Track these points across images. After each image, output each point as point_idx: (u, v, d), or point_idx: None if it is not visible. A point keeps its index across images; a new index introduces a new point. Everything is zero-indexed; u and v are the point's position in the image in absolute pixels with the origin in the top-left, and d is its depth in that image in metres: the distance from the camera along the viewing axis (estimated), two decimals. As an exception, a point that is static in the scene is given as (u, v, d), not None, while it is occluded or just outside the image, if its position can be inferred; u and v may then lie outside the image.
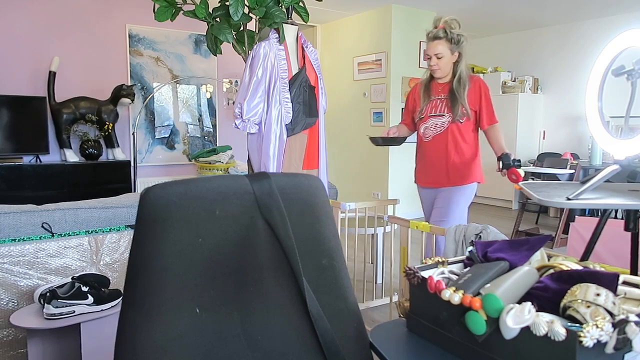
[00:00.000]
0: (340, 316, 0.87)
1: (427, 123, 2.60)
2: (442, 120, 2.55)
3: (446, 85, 2.58)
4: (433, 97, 2.60)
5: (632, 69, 1.38)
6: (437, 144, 2.59)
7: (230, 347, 0.77)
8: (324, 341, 0.83)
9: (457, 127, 2.54)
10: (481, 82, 2.62)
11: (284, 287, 0.83)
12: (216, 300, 0.78)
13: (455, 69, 2.56)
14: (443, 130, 2.57)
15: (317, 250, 0.86)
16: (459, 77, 2.54)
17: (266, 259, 0.81)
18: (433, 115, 2.57)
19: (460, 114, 2.52)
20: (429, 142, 2.62)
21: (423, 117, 2.61)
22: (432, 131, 2.59)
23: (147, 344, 0.72)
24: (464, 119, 2.54)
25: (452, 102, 2.52)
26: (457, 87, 2.53)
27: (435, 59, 2.52)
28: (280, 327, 0.81)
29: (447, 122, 2.54)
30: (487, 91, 2.62)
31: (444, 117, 2.54)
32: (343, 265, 0.91)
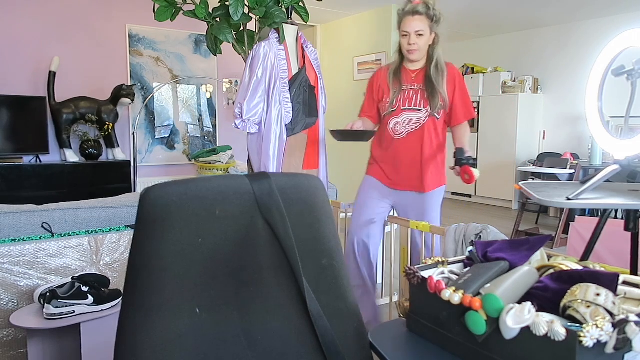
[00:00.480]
0: (340, 316, 0.87)
1: (399, 117, 2.21)
2: (418, 116, 2.19)
3: (420, 73, 2.22)
4: (405, 86, 2.21)
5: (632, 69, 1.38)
6: (411, 143, 2.22)
7: (230, 347, 0.77)
8: (324, 341, 0.83)
9: (434, 123, 2.22)
10: (455, 69, 2.28)
11: (284, 287, 0.83)
12: (216, 300, 0.78)
13: (431, 52, 2.20)
14: (419, 126, 2.20)
15: (317, 250, 0.86)
16: (436, 63, 2.18)
17: (266, 259, 0.81)
18: (408, 109, 2.20)
19: (439, 107, 2.18)
20: (401, 139, 2.24)
21: (395, 111, 2.22)
22: (405, 127, 2.21)
23: (147, 343, 0.72)
24: (441, 113, 2.22)
25: (431, 93, 2.16)
26: (434, 74, 2.17)
27: (414, 36, 2.13)
28: (280, 327, 0.81)
29: (424, 117, 2.19)
30: (462, 80, 2.28)
31: (420, 112, 2.19)
32: (343, 265, 0.91)
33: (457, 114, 2.26)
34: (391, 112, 2.23)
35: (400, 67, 2.25)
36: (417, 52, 2.16)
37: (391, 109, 2.22)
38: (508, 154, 6.59)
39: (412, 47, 2.15)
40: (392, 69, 2.25)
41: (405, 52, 2.18)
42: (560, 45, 6.54)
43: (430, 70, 2.17)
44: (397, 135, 2.25)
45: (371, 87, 2.34)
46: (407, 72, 2.24)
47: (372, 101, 2.33)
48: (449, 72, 2.22)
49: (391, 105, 2.22)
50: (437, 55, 2.21)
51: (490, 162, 6.83)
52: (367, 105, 2.36)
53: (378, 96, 2.30)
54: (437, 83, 2.16)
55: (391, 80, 2.23)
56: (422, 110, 2.19)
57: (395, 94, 2.21)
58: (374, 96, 2.32)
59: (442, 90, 2.16)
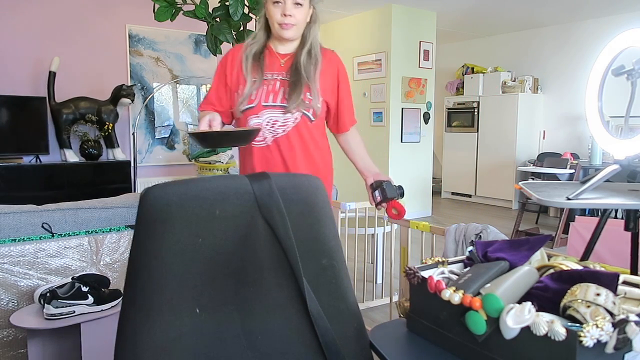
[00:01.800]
0: (341, 316, 0.87)
1: (260, 117, 1.63)
2: (285, 117, 1.63)
3: (291, 59, 1.67)
4: (269, 75, 1.64)
5: (632, 68, 1.38)
6: (276, 154, 1.65)
7: (231, 347, 0.78)
8: (324, 341, 0.83)
9: (308, 128, 1.66)
10: (337, 59, 1.74)
11: (284, 287, 0.83)
12: (216, 300, 0.78)
13: (306, 33, 1.67)
14: (287, 131, 1.64)
15: (317, 250, 0.86)
16: (310, 47, 1.66)
17: (266, 259, 0.81)
18: (272, 105, 1.62)
19: (307, 105, 1.63)
20: (264, 149, 1.65)
21: (253, 107, 1.62)
22: (269, 132, 1.63)
23: (147, 344, 0.72)
24: (318, 114, 1.67)
25: (293, 84, 1.62)
26: (305, 61, 1.63)
27: (291, 5, 1.58)
28: (280, 327, 0.81)
29: (294, 119, 1.63)
30: (346, 75, 1.76)
31: (288, 112, 1.63)
32: (343, 266, 0.91)
33: (342, 118, 1.75)
34: (248, 109, 1.62)
35: (264, 49, 1.67)
36: (293, 27, 1.59)
37: (248, 104, 1.62)
38: (508, 154, 6.60)
39: (287, 19, 1.57)
40: (251, 50, 1.65)
41: (276, 27, 1.60)
42: (560, 45, 6.54)
43: (301, 56, 1.64)
44: (256, 143, 1.64)
45: (222, 71, 1.70)
46: (274, 57, 1.67)
47: (223, 90, 1.70)
48: (326, 61, 1.68)
49: (248, 98, 1.62)
50: (313, 37, 1.67)
51: (490, 162, 6.83)
52: (213, 95, 1.71)
53: (234, 84, 1.68)
54: (307, 74, 1.62)
55: (249, 66, 1.63)
56: (290, 110, 1.63)
57: (254, 84, 1.62)
58: (226, 82, 1.69)
59: (313, 84, 1.62)
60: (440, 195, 7.54)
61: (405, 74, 5.83)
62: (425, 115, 6.06)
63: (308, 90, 1.63)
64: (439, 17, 6.06)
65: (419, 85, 5.95)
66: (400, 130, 5.85)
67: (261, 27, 1.68)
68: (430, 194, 6.32)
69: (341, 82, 1.73)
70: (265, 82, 1.64)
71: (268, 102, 1.63)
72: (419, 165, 6.11)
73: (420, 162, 6.12)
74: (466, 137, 7.13)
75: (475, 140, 7.00)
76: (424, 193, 6.23)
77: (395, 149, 5.85)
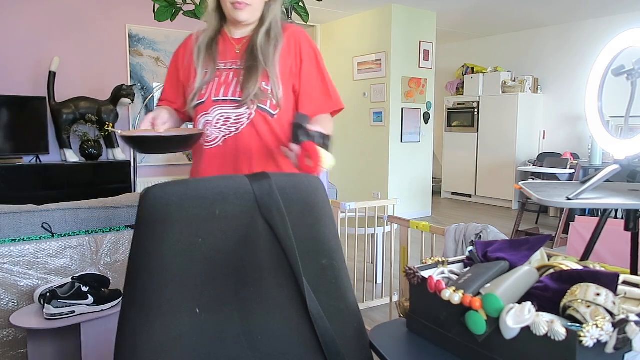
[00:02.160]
0: (341, 316, 0.87)
1: (210, 114, 1.39)
2: (238, 112, 1.37)
3: (247, 42, 1.42)
4: (221, 64, 1.41)
5: (632, 68, 1.38)
6: (228, 157, 1.39)
7: (231, 348, 0.78)
8: (324, 341, 0.83)
9: (268, 124, 1.38)
10: (302, 33, 1.45)
11: (284, 287, 0.83)
12: (216, 300, 0.78)
13: (265, 12, 1.41)
14: (241, 129, 1.38)
15: (317, 251, 0.86)
16: (269, 27, 1.40)
17: (266, 259, 0.81)
18: (223, 100, 1.38)
19: (264, 96, 1.36)
20: (214, 151, 1.40)
21: (203, 104, 1.40)
22: (220, 131, 1.39)
23: (147, 344, 0.72)
24: (278, 107, 1.39)
25: (247, 72, 1.36)
26: (263, 43, 1.38)
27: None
28: (280, 328, 0.82)
29: (248, 115, 1.37)
30: (312, 51, 1.44)
31: (242, 107, 1.37)
32: (343, 266, 0.91)
33: (309, 102, 1.43)
34: (198, 106, 1.41)
35: (218, 36, 1.44)
36: (247, 7, 1.35)
37: (198, 100, 1.40)
38: (508, 154, 6.60)
39: (239, 2, 1.34)
40: (204, 38, 1.43)
41: (228, 7, 1.37)
42: (560, 45, 6.54)
43: (258, 38, 1.38)
44: (207, 144, 1.41)
45: (175, 64, 1.53)
46: (229, 43, 1.43)
47: (176, 83, 1.50)
48: (287, 38, 1.41)
49: (199, 92, 1.39)
50: (273, 16, 1.41)
51: (490, 162, 6.83)
52: (168, 89, 1.53)
53: (184, 78, 1.48)
54: (264, 57, 1.36)
55: (201, 56, 1.41)
56: (245, 103, 1.36)
57: (205, 76, 1.40)
58: (179, 76, 1.50)
59: (272, 69, 1.36)
60: (440, 195, 7.54)
61: (405, 74, 5.83)
62: (425, 115, 6.06)
63: (266, 78, 1.35)
64: (439, 17, 6.06)
65: (419, 85, 5.95)
66: (400, 130, 5.85)
67: (213, 8, 1.42)
68: (430, 194, 6.32)
69: (304, 60, 1.41)
70: (218, 74, 1.40)
71: (219, 97, 1.38)
72: (419, 165, 6.11)
73: (420, 162, 6.12)
74: (466, 137, 7.13)
75: (475, 140, 7.00)
76: (424, 193, 6.23)
77: (395, 149, 5.85)
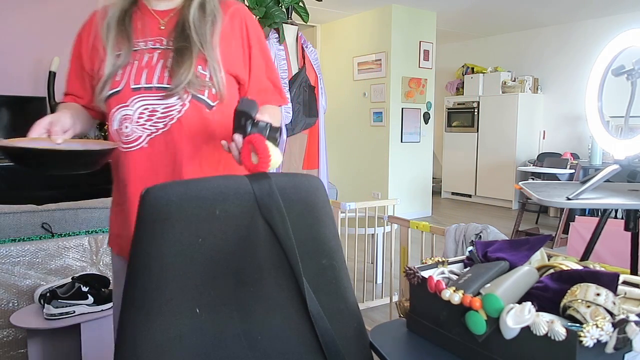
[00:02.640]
0: (340, 316, 0.87)
1: (129, 107, 1.08)
2: (167, 103, 1.08)
3: (175, 16, 1.13)
4: (141, 42, 1.11)
5: (632, 68, 1.38)
6: (156, 162, 1.09)
7: (230, 347, 0.78)
8: (324, 341, 0.83)
9: (204, 119, 1.09)
10: (245, 11, 1.18)
11: (284, 287, 0.83)
12: (216, 300, 0.78)
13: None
14: (170, 125, 1.08)
15: (317, 251, 0.86)
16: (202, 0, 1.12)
17: (266, 259, 0.81)
18: (144, 88, 1.08)
19: (201, 84, 1.07)
20: (136, 155, 1.10)
21: (119, 93, 1.08)
22: (144, 128, 1.09)
23: (147, 343, 0.72)
24: (221, 96, 1.10)
25: (177, 54, 1.07)
26: (197, 19, 1.10)
27: None
28: (280, 328, 0.82)
29: (180, 106, 1.07)
30: (259, 33, 1.19)
31: (172, 97, 1.07)
32: (343, 266, 0.91)
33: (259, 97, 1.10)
34: (111, 97, 1.08)
35: (134, 7, 1.14)
36: None
37: (110, 89, 1.08)
38: (508, 154, 6.60)
39: None
40: (114, 12, 1.12)
41: None
42: (560, 45, 6.54)
43: (190, 12, 1.10)
44: (126, 145, 1.10)
45: (78, 46, 1.18)
46: (150, 17, 1.13)
47: (81, 72, 1.18)
48: (229, 16, 1.14)
49: (110, 82, 1.08)
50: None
51: (490, 162, 6.83)
52: (72, 79, 1.20)
53: (89, 64, 1.15)
54: (200, 37, 1.08)
55: (111, 33, 1.09)
56: (175, 92, 1.06)
57: (118, 59, 1.08)
58: (82, 64, 1.16)
59: (210, 52, 1.08)
60: (440, 195, 7.54)
61: (405, 74, 5.83)
62: (425, 115, 6.06)
63: (202, 61, 1.06)
64: (439, 17, 6.06)
65: (419, 85, 5.95)
66: (400, 130, 5.85)
67: None
68: (430, 194, 6.32)
69: (253, 46, 1.15)
70: (135, 55, 1.08)
71: (140, 84, 1.06)
72: (419, 165, 6.11)
73: (420, 162, 6.12)
74: (466, 137, 7.13)
75: (475, 140, 7.00)
76: (424, 193, 6.23)
77: (395, 149, 5.85)
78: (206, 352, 0.76)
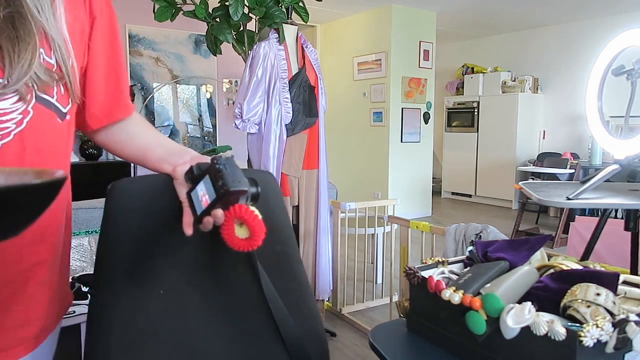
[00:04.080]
0: (294, 295, 0.93)
1: None
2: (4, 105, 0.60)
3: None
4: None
5: (632, 68, 1.38)
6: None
7: (191, 323, 0.84)
8: (279, 318, 0.87)
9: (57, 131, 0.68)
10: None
11: (241, 271, 0.88)
12: (178, 281, 0.84)
13: None
14: (4, 143, 0.60)
15: (271, 238, 0.88)
16: None
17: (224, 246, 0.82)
18: None
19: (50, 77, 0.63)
20: None
21: None
22: None
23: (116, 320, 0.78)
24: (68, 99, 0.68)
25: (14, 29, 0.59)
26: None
27: None
28: (238, 307, 0.88)
29: (19, 114, 0.61)
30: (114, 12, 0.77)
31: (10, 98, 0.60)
32: (295, 251, 0.98)
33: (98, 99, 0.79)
34: None
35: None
36: None
37: None
38: (508, 154, 6.60)
39: None
40: None
41: None
42: (560, 45, 6.54)
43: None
44: None
45: None
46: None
47: None
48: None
49: None
50: None
51: (490, 162, 6.83)
52: None
53: None
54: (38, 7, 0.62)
55: None
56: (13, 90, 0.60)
57: None
58: None
59: (54, 26, 0.64)
60: (440, 195, 7.54)
61: (405, 74, 5.83)
62: (425, 115, 6.06)
63: (45, 42, 0.64)
64: (439, 17, 6.06)
65: (419, 85, 5.95)
66: (400, 130, 5.86)
67: None
68: (430, 194, 6.32)
69: (97, 17, 0.74)
70: None
71: None
72: (419, 165, 6.11)
73: (420, 162, 6.12)
74: (466, 137, 7.13)
75: (475, 140, 7.00)
76: (424, 193, 6.23)
77: (395, 149, 5.85)
78: (170, 328, 0.81)
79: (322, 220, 2.60)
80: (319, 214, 2.60)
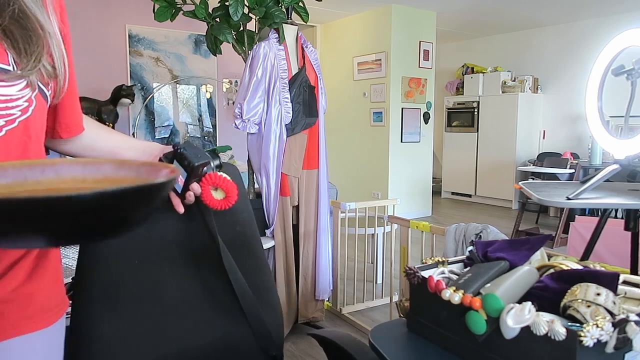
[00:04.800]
0: (253, 269, 1.06)
1: None
2: (8, 94, 0.61)
3: None
4: None
5: (632, 68, 1.38)
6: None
7: (162, 290, 0.96)
8: (238, 290, 0.99)
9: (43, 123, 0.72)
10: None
11: (206, 247, 1.00)
12: (150, 252, 0.97)
13: None
14: (10, 128, 0.63)
15: (232, 221, 1.07)
16: None
17: (193, 228, 1.01)
18: None
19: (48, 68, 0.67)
20: None
21: None
22: None
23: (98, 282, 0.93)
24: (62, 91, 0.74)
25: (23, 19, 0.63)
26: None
27: None
28: (202, 277, 1.01)
29: (25, 101, 0.64)
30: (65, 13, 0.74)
31: (17, 84, 0.62)
32: (255, 233, 1.10)
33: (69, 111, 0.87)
34: None
35: None
36: None
37: None
38: (508, 154, 6.60)
39: None
40: None
41: None
42: (560, 45, 6.54)
43: None
44: None
45: None
46: None
47: None
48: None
49: None
50: None
51: (490, 162, 6.83)
52: None
53: None
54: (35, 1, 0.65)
55: None
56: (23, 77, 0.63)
57: None
58: None
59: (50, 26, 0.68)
60: (440, 195, 7.54)
61: (405, 74, 5.83)
62: (425, 115, 6.06)
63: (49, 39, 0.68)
64: (439, 17, 6.06)
65: (418, 85, 5.95)
66: (400, 130, 5.86)
67: None
68: (430, 194, 6.32)
69: (63, 13, 0.75)
70: None
71: None
72: (419, 165, 6.11)
73: (420, 162, 6.12)
74: (466, 137, 7.13)
75: (475, 140, 7.00)
76: (424, 193, 6.23)
77: (395, 149, 5.85)
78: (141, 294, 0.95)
79: (322, 220, 2.60)
80: (319, 214, 2.60)
